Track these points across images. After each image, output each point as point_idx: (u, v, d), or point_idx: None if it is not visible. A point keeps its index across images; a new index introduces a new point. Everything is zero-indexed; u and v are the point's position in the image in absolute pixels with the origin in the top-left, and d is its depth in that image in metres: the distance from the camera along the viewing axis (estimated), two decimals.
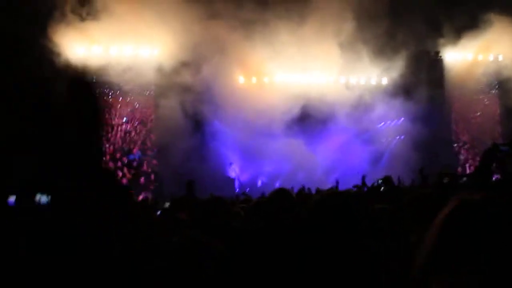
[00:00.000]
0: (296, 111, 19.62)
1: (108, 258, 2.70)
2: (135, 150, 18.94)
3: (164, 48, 18.00)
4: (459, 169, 20.95)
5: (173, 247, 2.62)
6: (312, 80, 20.44)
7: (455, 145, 21.84)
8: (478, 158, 20.82)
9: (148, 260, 2.88)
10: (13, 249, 3.22)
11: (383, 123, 21.35)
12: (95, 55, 17.73)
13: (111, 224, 2.81)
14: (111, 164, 18.47)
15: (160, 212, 8.49)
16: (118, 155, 18.71)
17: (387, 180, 8.30)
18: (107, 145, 18.62)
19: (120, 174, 18.50)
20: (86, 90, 17.46)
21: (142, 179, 18.76)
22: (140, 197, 18.08)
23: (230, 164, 18.67)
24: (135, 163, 18.88)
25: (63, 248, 2.83)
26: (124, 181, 18.42)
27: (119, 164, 18.66)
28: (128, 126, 18.98)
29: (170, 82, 18.00)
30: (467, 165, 21.42)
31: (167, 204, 10.92)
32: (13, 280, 2.78)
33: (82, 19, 17.00)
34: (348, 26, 19.09)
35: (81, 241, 2.75)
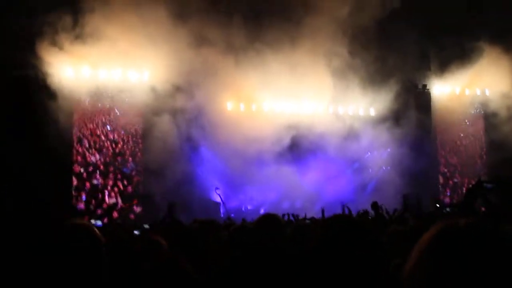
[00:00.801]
0: (284, 139, 19.66)
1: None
2: (128, 165, 18.91)
3: (153, 73, 18.04)
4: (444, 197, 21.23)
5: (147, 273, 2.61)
6: (301, 109, 20.56)
7: (445, 170, 22.06)
8: (464, 188, 21.16)
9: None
10: None
11: (369, 153, 21.46)
12: (84, 78, 17.74)
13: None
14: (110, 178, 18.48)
15: (139, 233, 8.49)
16: (111, 168, 18.66)
17: (374, 205, 8.36)
18: (98, 157, 18.55)
19: (121, 186, 18.61)
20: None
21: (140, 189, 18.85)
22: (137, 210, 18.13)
23: (216, 189, 18.64)
24: (133, 173, 18.93)
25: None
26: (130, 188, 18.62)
27: (119, 176, 18.74)
28: (115, 135, 18.94)
29: (158, 107, 17.99)
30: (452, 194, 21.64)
31: (146, 226, 10.95)
32: None
33: (72, 41, 16.98)
34: (338, 57, 19.28)
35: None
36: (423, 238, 1.66)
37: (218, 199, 18.78)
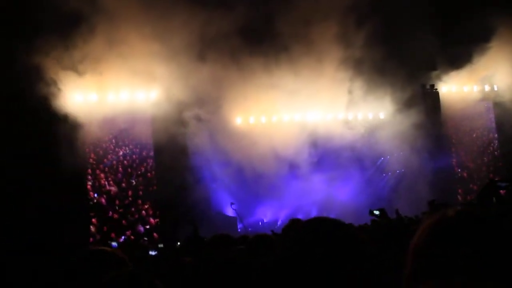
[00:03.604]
0: (296, 151, 19.62)
1: None
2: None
3: (162, 91, 18.04)
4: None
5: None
6: (312, 119, 20.50)
7: (459, 170, 22.00)
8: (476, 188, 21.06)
9: None
10: None
11: (382, 158, 21.37)
12: (93, 101, 17.80)
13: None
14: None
15: (157, 253, 8.50)
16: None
17: (382, 212, 8.18)
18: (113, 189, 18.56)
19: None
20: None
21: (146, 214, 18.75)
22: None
23: (231, 204, 18.64)
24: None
25: None
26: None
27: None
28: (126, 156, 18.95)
29: (168, 125, 17.89)
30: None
31: (161, 245, 10.94)
32: None
33: (79, 67, 17.05)
34: (345, 64, 19.28)
35: None
36: (421, 228, 1.91)
37: (234, 214, 18.81)
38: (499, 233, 1.78)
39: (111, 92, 17.99)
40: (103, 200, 18.24)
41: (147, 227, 18.50)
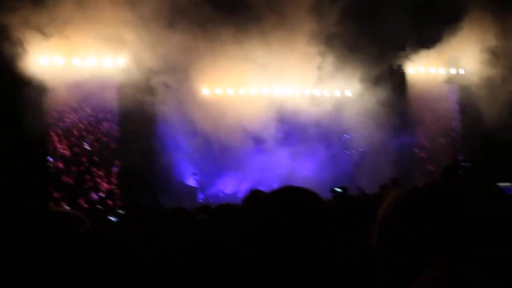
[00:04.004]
0: (261, 125, 19.63)
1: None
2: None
3: (129, 57, 17.78)
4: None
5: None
6: (278, 93, 20.52)
7: (419, 150, 22.32)
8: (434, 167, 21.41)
9: None
10: None
11: (346, 135, 21.52)
12: (58, 65, 17.44)
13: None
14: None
15: (117, 219, 8.52)
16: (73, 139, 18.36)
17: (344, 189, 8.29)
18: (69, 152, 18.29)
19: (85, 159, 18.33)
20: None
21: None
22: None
23: (193, 174, 18.67)
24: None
25: None
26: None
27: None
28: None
29: (133, 93, 17.65)
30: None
31: (121, 211, 10.98)
32: None
33: (44, 29, 16.66)
34: (313, 39, 19.26)
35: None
36: (389, 199, 2.03)
37: (195, 184, 18.87)
38: (459, 212, 1.84)
39: (78, 57, 17.64)
40: (60, 165, 17.97)
41: (102, 194, 18.27)
